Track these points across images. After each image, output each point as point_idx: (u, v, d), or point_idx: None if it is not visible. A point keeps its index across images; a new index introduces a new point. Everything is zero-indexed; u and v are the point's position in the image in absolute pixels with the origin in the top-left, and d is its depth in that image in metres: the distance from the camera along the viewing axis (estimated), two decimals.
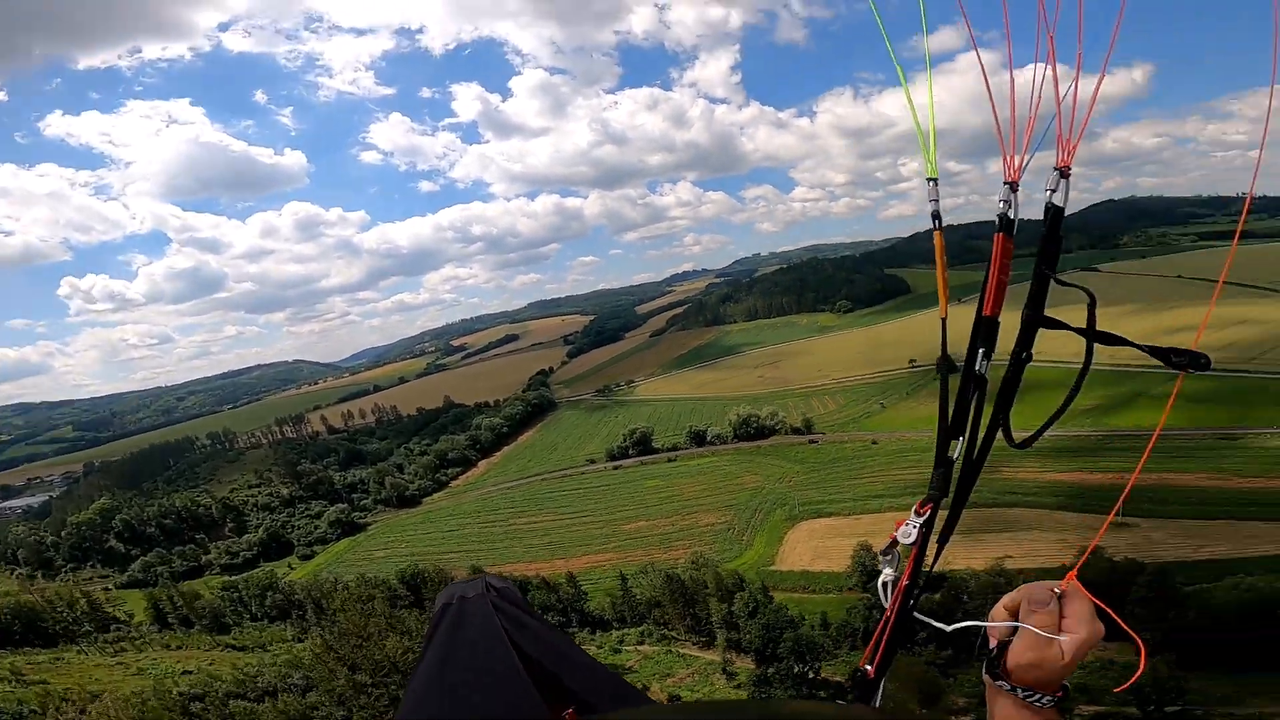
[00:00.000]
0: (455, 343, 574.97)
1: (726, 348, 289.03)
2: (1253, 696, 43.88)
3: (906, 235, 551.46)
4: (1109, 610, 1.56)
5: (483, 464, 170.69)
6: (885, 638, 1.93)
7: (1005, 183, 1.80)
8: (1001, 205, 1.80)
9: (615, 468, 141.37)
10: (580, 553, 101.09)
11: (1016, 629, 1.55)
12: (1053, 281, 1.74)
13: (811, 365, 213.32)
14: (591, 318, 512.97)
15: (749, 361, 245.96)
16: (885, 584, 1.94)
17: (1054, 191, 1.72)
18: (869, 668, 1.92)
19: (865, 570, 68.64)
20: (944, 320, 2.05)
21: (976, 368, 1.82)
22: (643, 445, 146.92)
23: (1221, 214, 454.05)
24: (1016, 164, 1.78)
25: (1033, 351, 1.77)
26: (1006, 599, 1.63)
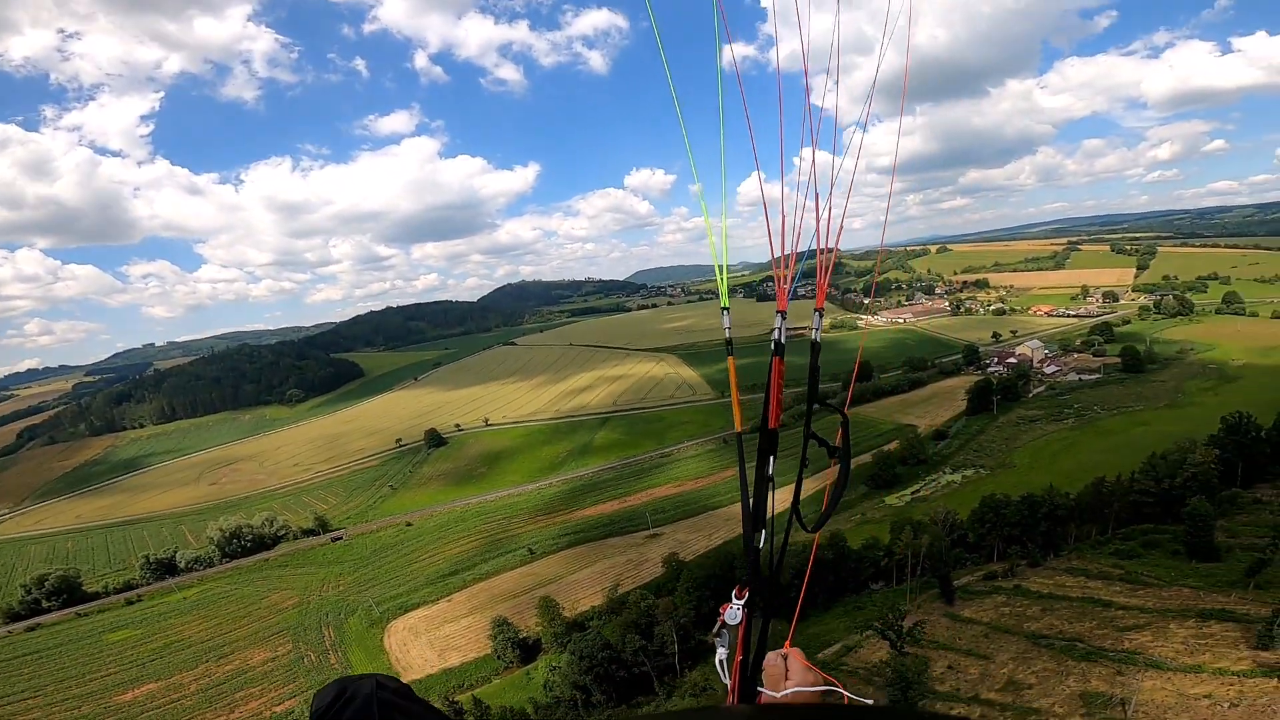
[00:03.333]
0: None
1: (127, 461, 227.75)
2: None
3: (346, 319, 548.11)
4: (820, 672, 2.11)
5: None
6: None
7: (778, 312, 2.26)
8: (775, 333, 2.27)
9: (31, 629, 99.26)
10: None
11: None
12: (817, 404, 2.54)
13: (282, 461, 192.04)
14: None
15: (184, 472, 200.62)
16: (722, 662, 2.21)
17: (816, 329, 2.30)
18: None
19: (514, 643, 69.49)
20: (740, 435, 2.58)
21: (769, 472, 2.32)
22: (65, 594, 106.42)
23: (577, 295, 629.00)
24: (786, 293, 2.28)
25: (807, 456, 2.44)
26: (768, 672, 2.14)
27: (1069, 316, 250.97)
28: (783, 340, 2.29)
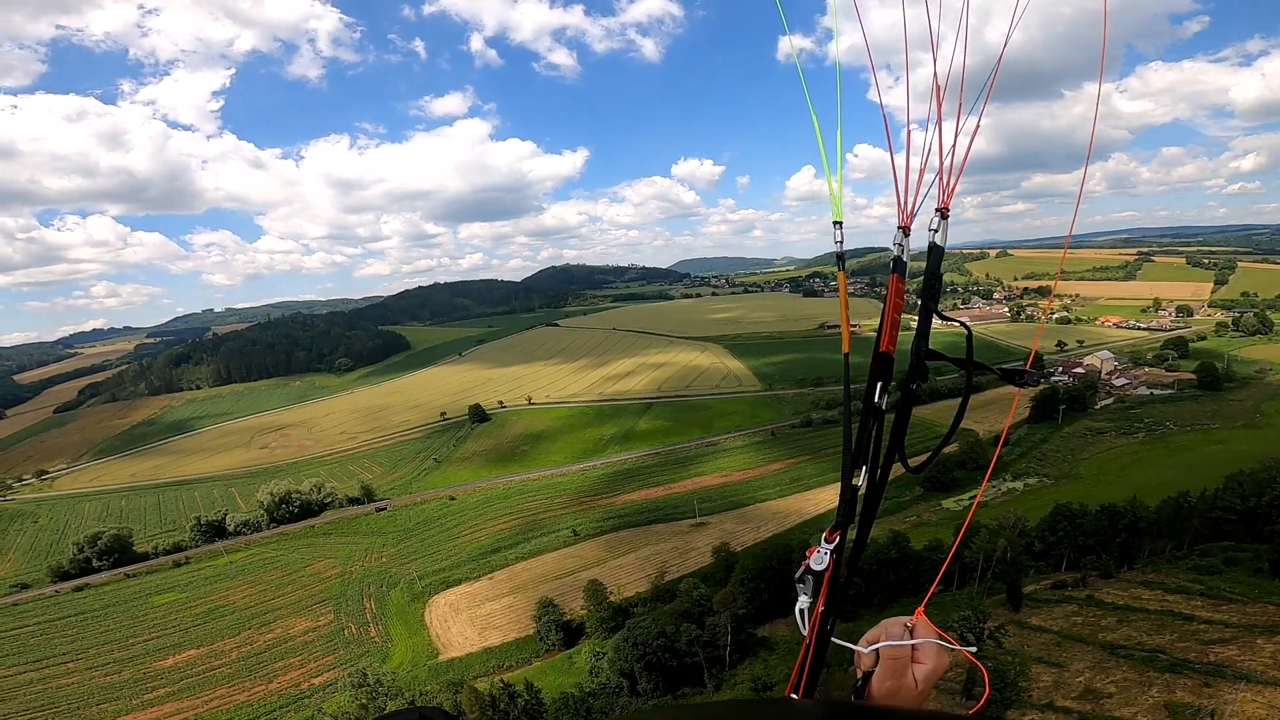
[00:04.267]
0: None
1: (180, 422, 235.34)
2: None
3: (394, 293, 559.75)
4: (953, 642, 1.87)
5: None
6: (809, 663, 2.01)
7: (899, 227, 2.00)
8: (895, 249, 2.01)
9: (79, 589, 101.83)
10: (111, 716, 68.35)
11: (878, 659, 1.83)
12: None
13: (329, 429, 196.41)
14: None
15: (236, 435, 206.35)
16: (802, 611, 2.01)
17: (936, 231, 1.99)
18: (794, 696, 1.97)
19: (558, 626, 68.30)
20: (846, 356, 2.26)
21: (876, 400, 2.02)
22: (116, 554, 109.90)
23: (620, 281, 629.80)
24: (909, 210, 1.99)
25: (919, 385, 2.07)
26: (871, 632, 1.90)
27: (1139, 329, 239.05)
28: (904, 258, 2.04)
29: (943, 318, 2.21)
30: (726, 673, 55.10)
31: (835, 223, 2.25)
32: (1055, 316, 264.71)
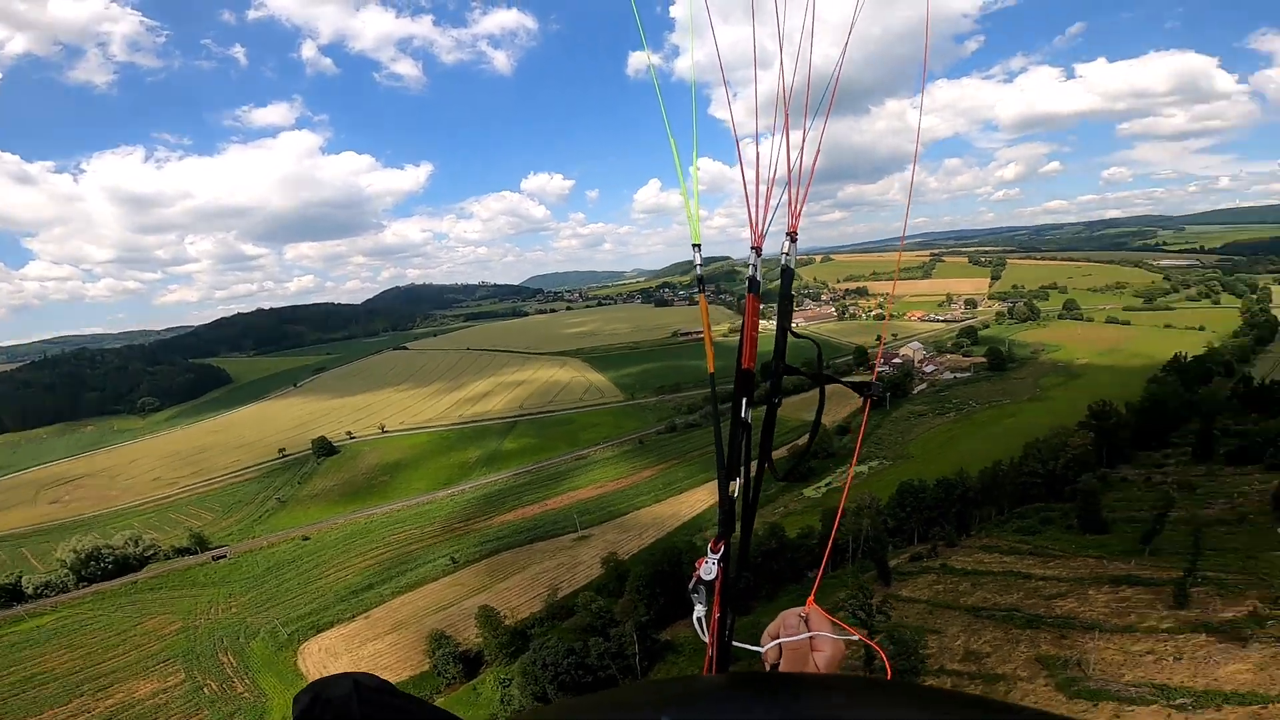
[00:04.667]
0: None
1: None
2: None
3: (207, 322, 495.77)
4: (846, 628, 2.05)
5: None
6: (714, 669, 2.13)
7: (752, 248, 2.14)
8: (750, 269, 2.15)
9: None
10: None
11: (781, 652, 1.93)
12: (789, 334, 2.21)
13: (138, 477, 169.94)
14: None
15: (17, 490, 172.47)
16: (700, 619, 2.11)
17: (787, 255, 2.15)
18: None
19: (454, 658, 65.26)
20: (712, 376, 2.38)
21: (744, 415, 2.13)
22: None
23: (470, 299, 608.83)
24: (759, 231, 2.12)
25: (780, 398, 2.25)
26: (771, 626, 2.00)
27: (938, 321, 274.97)
28: (758, 277, 2.20)
29: (796, 335, 2.37)
30: (640, 680, 55.00)
31: (694, 245, 2.34)
32: (873, 314, 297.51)
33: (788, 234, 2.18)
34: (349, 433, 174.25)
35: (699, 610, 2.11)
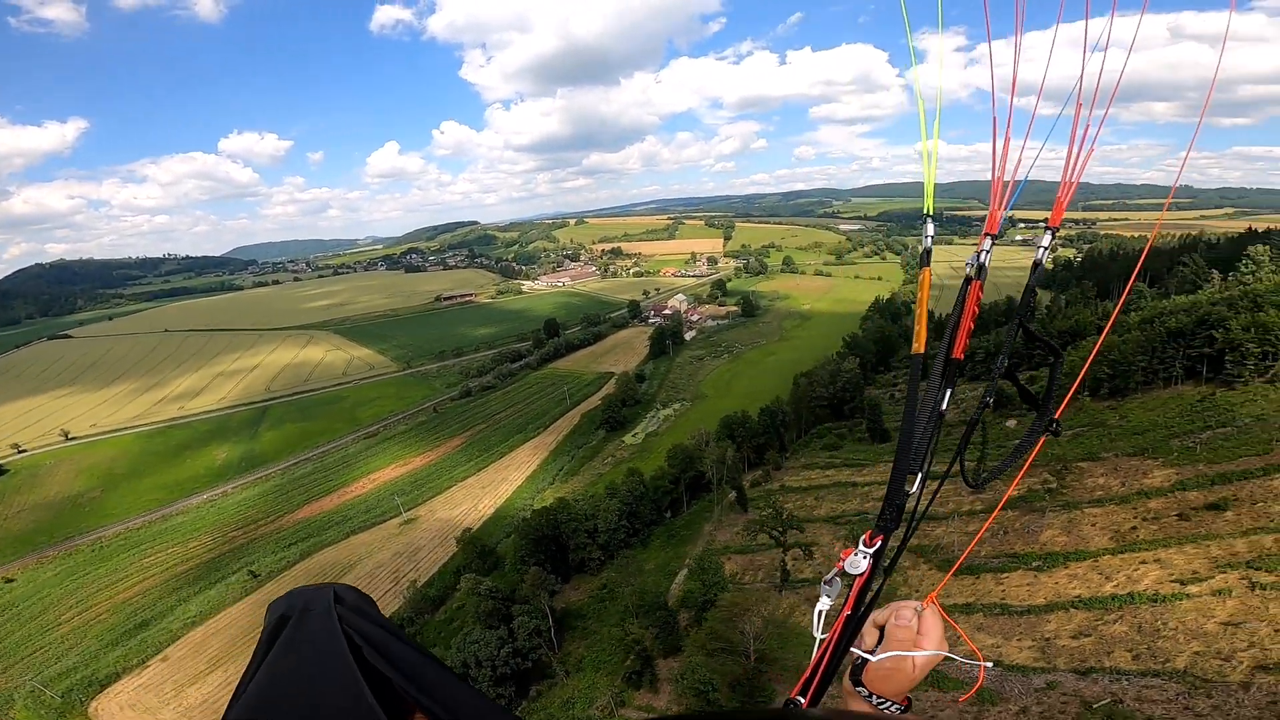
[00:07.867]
0: None
1: None
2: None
3: None
4: (959, 629, 1.87)
5: None
6: (823, 667, 1.90)
7: (986, 234, 1.94)
8: (983, 255, 1.94)
9: None
10: None
11: (880, 639, 1.82)
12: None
13: None
14: None
15: None
16: (821, 612, 1.91)
17: (1045, 249, 1.94)
18: (802, 699, 1.87)
19: None
20: (921, 356, 2.02)
21: (944, 406, 1.93)
22: None
23: (154, 275, 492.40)
24: (997, 219, 1.92)
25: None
26: (877, 615, 1.89)
27: (689, 277, 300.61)
28: (986, 264, 1.96)
29: (1033, 336, 2.08)
30: (559, 654, 50.81)
31: (927, 216, 2.13)
32: (633, 272, 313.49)
33: (1047, 228, 1.94)
34: (16, 446, 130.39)
35: (824, 603, 1.89)
